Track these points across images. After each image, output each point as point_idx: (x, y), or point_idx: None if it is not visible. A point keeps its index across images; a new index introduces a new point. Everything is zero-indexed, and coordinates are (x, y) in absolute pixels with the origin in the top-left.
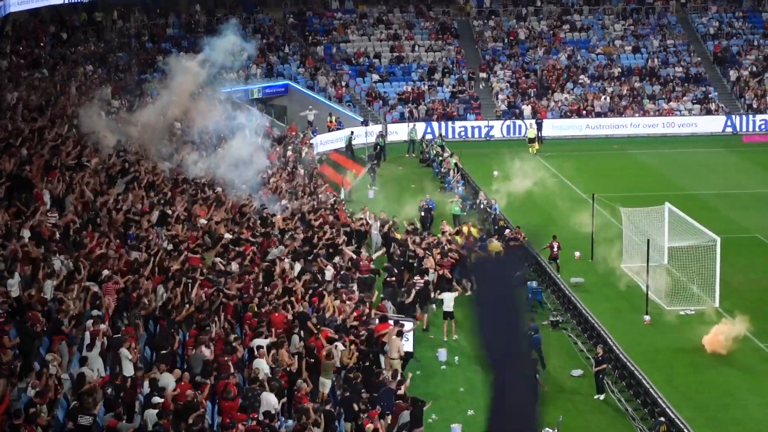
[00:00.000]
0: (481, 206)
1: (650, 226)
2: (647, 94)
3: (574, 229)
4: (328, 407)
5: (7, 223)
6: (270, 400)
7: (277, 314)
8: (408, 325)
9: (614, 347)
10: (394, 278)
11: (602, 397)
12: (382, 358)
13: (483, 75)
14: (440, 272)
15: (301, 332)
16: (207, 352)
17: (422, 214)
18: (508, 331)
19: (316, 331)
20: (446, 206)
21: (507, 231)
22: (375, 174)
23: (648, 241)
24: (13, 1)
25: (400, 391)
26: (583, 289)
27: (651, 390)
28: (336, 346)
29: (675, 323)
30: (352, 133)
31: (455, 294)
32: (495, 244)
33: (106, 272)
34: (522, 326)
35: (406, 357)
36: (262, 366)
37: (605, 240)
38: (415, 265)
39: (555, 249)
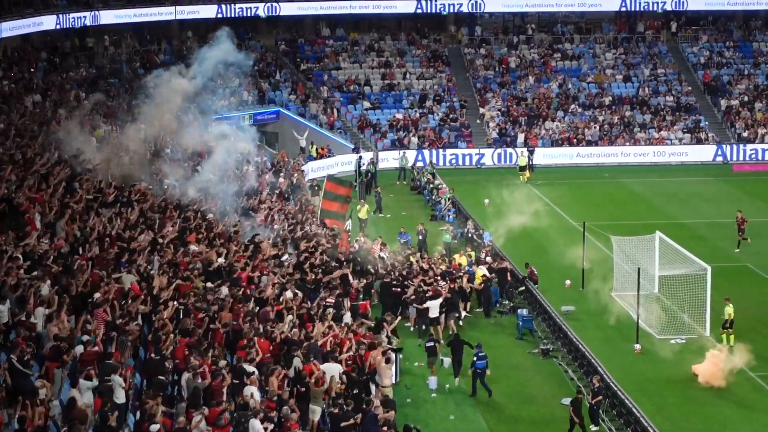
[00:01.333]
0: (469, 234)
1: (641, 255)
2: (638, 123)
3: (565, 257)
4: None
5: None
6: (256, 427)
7: (263, 340)
8: (392, 355)
9: (605, 376)
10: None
11: (596, 429)
12: (372, 387)
13: (480, 106)
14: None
15: (292, 358)
16: (199, 379)
17: (420, 238)
18: None
19: (303, 359)
20: (438, 236)
21: (489, 259)
22: (380, 200)
23: (639, 269)
24: (5, 26)
25: (383, 416)
26: (574, 318)
27: (642, 419)
28: (324, 372)
29: (666, 352)
30: (360, 158)
31: (440, 300)
32: (480, 272)
33: (97, 295)
34: None
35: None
36: (254, 393)
37: (596, 268)
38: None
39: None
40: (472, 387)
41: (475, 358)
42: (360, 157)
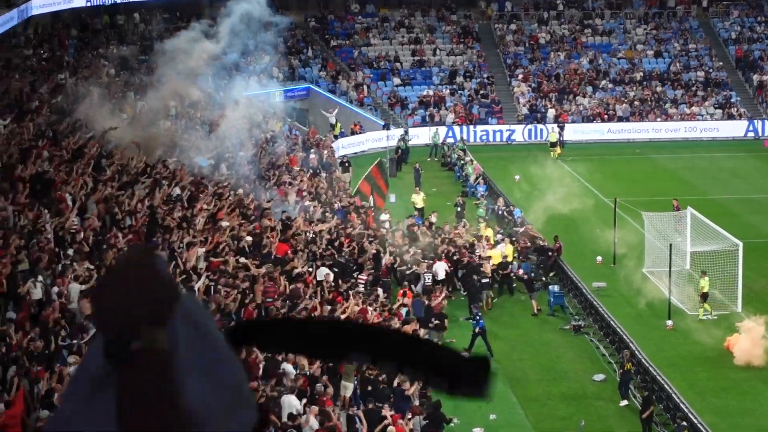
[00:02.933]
0: (500, 212)
1: (672, 231)
2: (669, 99)
3: (596, 233)
4: (351, 411)
5: (31, 224)
6: (292, 402)
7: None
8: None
9: (636, 352)
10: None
11: (626, 403)
12: None
13: (510, 82)
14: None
15: None
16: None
17: (457, 209)
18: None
19: None
20: (472, 210)
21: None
22: (419, 176)
23: (670, 245)
24: (36, 3)
25: (408, 392)
26: (605, 294)
27: (673, 395)
28: None
29: (697, 328)
30: (406, 132)
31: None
32: (508, 248)
33: None
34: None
35: None
36: (288, 369)
37: (627, 244)
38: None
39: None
40: (470, 344)
41: (473, 321)
42: (406, 132)
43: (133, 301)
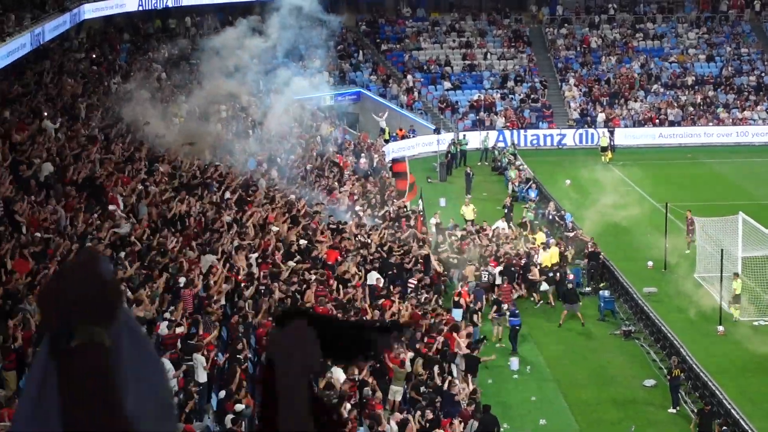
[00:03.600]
0: (550, 216)
1: (724, 236)
2: (721, 103)
3: (647, 238)
4: (402, 415)
5: (83, 227)
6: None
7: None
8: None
9: (687, 357)
10: None
11: (675, 411)
12: (454, 368)
13: (561, 86)
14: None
15: None
16: None
17: (505, 211)
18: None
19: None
20: (520, 214)
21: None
22: (470, 182)
23: (722, 251)
24: (88, 8)
25: (458, 397)
26: (656, 299)
27: (724, 401)
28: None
29: (748, 334)
30: (464, 137)
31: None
32: (553, 252)
33: (183, 279)
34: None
35: (473, 362)
36: (338, 374)
37: (678, 249)
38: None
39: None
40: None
41: (509, 316)
42: (464, 136)
43: (73, 299)
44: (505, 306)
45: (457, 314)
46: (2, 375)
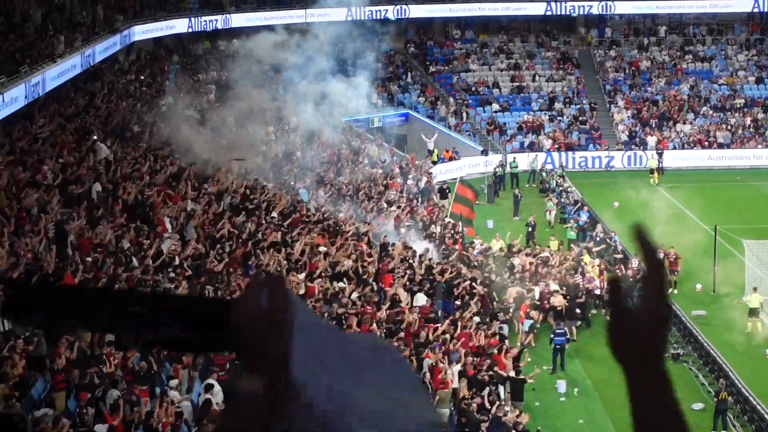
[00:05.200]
0: (598, 238)
1: None
2: None
3: (696, 260)
4: None
5: (131, 248)
6: None
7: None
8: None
9: (736, 381)
10: None
11: None
12: (501, 389)
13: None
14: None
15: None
16: None
17: (528, 229)
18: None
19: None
20: (562, 233)
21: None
22: (518, 203)
23: None
24: (138, 29)
25: (506, 418)
26: (705, 322)
27: None
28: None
29: None
30: (514, 160)
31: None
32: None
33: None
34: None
35: (519, 383)
36: None
37: (727, 272)
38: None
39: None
40: (552, 362)
41: (552, 335)
42: (514, 158)
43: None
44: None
45: (527, 324)
46: (51, 395)
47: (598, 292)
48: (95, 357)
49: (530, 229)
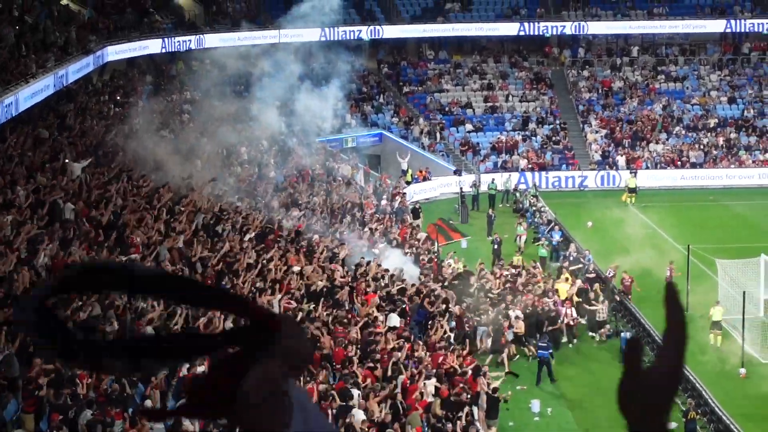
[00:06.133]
0: (571, 257)
1: (746, 278)
2: (743, 145)
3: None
4: None
5: None
6: None
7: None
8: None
9: (709, 400)
10: None
11: None
12: (475, 410)
13: (583, 128)
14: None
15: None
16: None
17: (494, 246)
18: None
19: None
20: (532, 249)
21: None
22: (492, 223)
23: (744, 293)
24: (111, 50)
25: None
26: None
27: None
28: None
29: None
30: (492, 181)
31: None
32: (562, 288)
33: (203, 320)
34: None
35: (495, 402)
36: (359, 415)
37: (700, 292)
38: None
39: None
40: (537, 376)
41: (537, 348)
42: (492, 180)
43: None
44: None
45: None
46: (21, 417)
47: (566, 321)
48: (68, 378)
49: (495, 246)
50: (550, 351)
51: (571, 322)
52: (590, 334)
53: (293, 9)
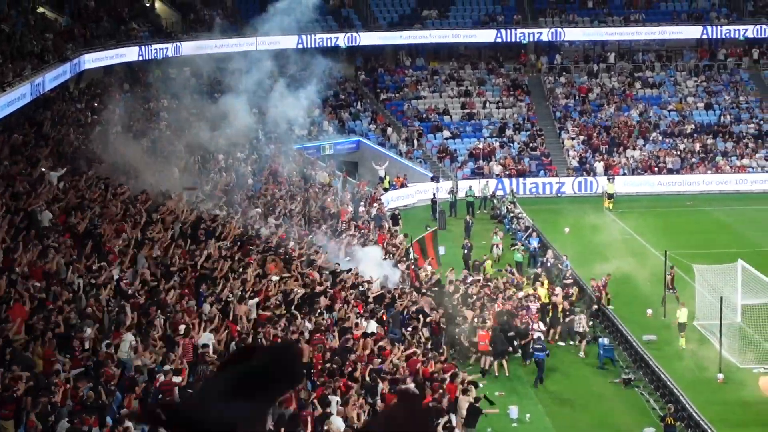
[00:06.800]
0: (548, 264)
1: (723, 284)
2: (719, 151)
3: (646, 286)
4: None
5: (81, 277)
6: None
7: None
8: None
9: (687, 405)
10: None
11: None
12: (453, 418)
13: (560, 135)
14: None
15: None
16: (284, 407)
17: (464, 251)
18: None
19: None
20: (509, 255)
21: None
22: (469, 230)
23: (721, 298)
24: (88, 58)
25: None
26: (656, 347)
27: None
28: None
29: (748, 381)
30: (470, 188)
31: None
32: (541, 291)
33: (182, 327)
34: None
35: (475, 412)
36: (337, 423)
37: (678, 297)
38: None
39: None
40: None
41: (531, 350)
42: (470, 187)
43: None
44: None
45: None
46: (1, 424)
47: (536, 335)
48: (44, 386)
49: (466, 251)
50: (547, 352)
51: (542, 336)
52: (562, 344)
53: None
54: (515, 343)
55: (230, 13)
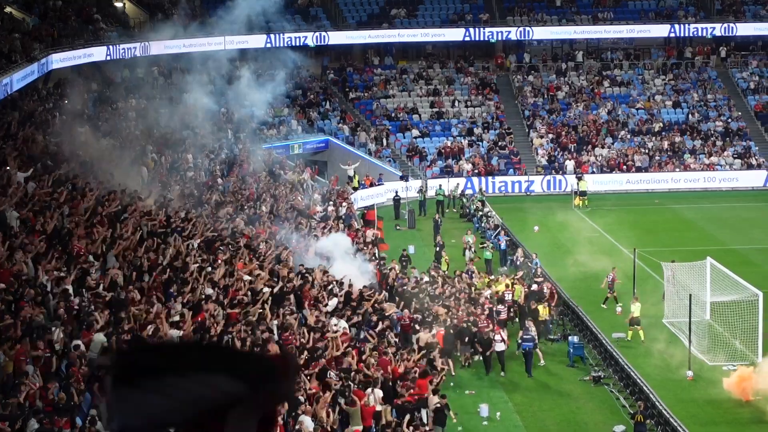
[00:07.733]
0: (518, 262)
1: (692, 281)
2: (688, 149)
3: (615, 284)
4: None
5: (49, 278)
6: None
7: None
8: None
9: (657, 402)
10: None
11: None
12: (424, 413)
13: (529, 133)
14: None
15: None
16: None
17: (436, 249)
18: None
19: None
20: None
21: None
22: (438, 228)
23: (690, 296)
24: (56, 57)
25: None
26: (625, 345)
27: None
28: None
29: (718, 379)
30: (440, 186)
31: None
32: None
33: (150, 327)
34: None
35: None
36: (307, 422)
37: (647, 295)
38: None
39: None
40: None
41: (519, 341)
42: (440, 186)
43: None
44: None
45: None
46: None
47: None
48: (13, 386)
49: (438, 248)
50: (535, 343)
51: (503, 346)
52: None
53: (234, 12)
54: (477, 348)
55: (198, 13)
